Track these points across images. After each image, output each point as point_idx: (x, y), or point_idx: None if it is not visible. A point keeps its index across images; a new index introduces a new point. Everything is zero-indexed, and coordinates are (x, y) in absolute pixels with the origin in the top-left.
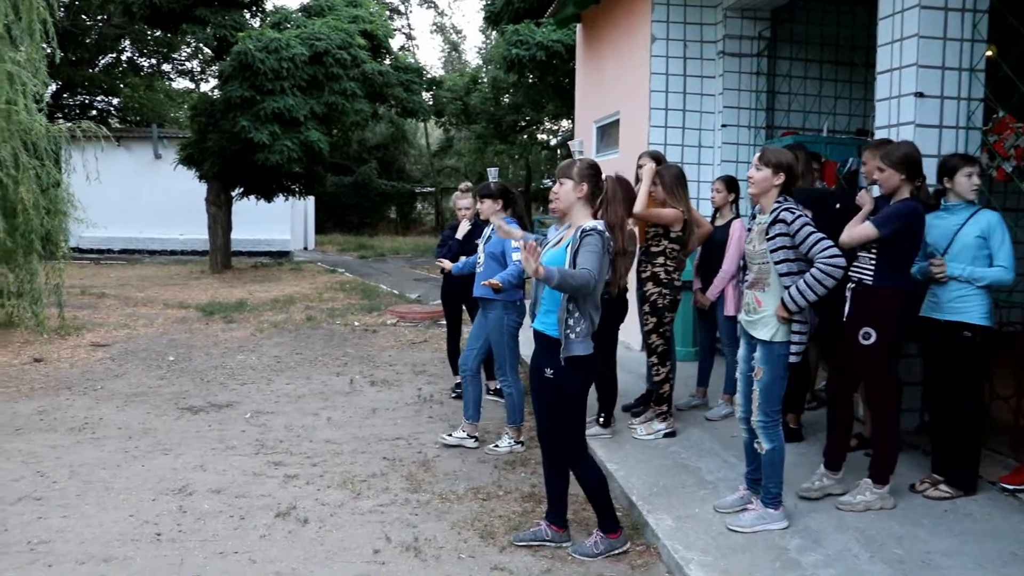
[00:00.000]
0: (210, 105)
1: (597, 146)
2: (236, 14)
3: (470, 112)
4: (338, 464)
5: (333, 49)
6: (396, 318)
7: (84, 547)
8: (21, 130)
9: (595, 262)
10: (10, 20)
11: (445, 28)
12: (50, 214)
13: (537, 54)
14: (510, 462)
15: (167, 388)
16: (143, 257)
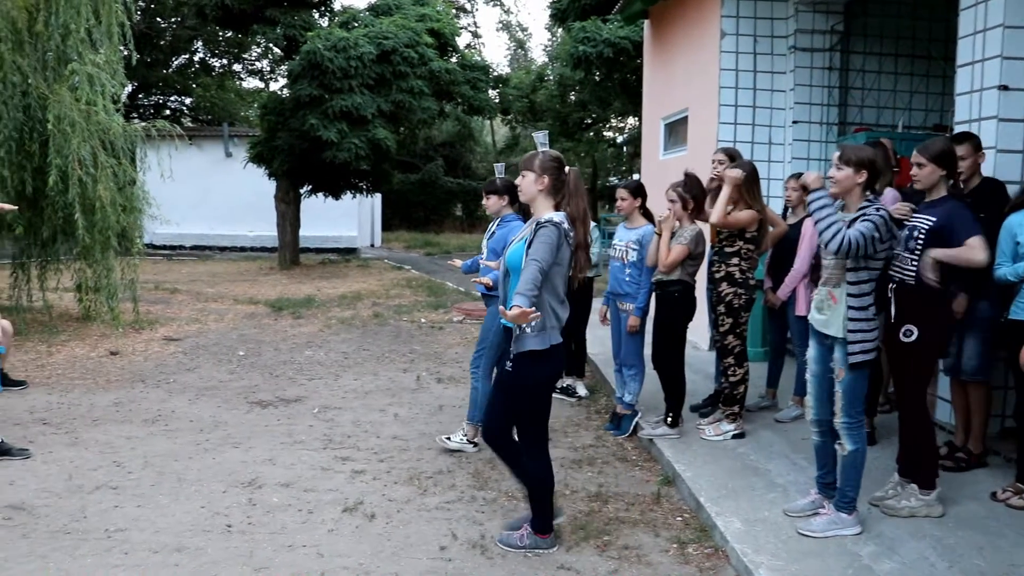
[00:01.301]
0: (279, 104)
1: (665, 143)
2: (305, 14)
3: (536, 110)
4: (405, 460)
5: (400, 48)
6: (462, 315)
7: (158, 536)
8: (100, 130)
9: (545, 253)
10: (91, 24)
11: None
12: (126, 211)
13: (604, 51)
14: (577, 460)
15: (237, 382)
16: (214, 253)
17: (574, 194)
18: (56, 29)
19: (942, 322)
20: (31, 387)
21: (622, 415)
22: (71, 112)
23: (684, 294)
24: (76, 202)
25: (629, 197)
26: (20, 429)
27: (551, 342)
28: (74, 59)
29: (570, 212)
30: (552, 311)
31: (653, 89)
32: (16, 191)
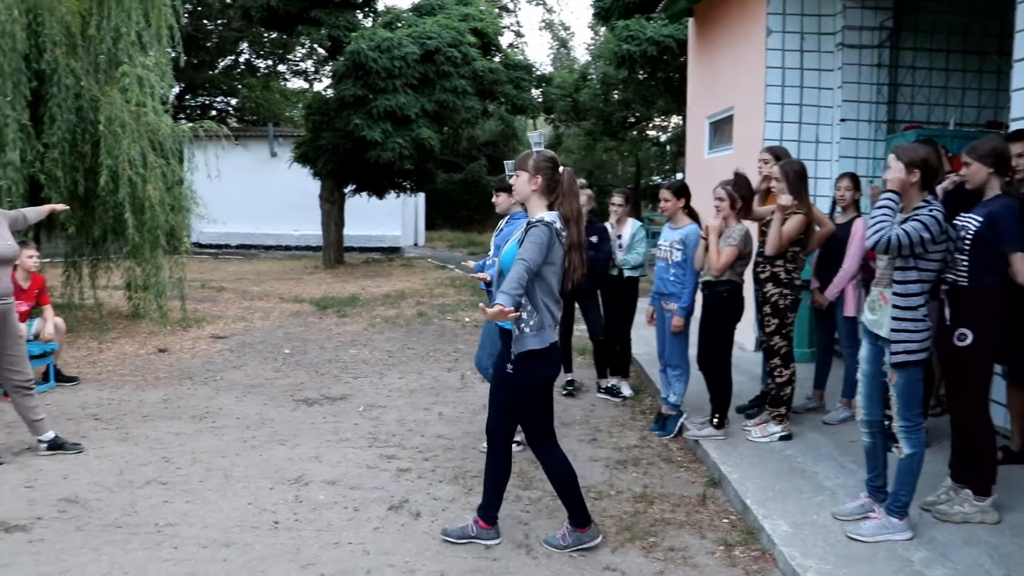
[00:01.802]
0: (324, 104)
1: (710, 142)
2: (349, 15)
3: (579, 109)
4: (449, 459)
5: (444, 47)
6: None
7: (206, 531)
8: (149, 131)
9: (533, 252)
10: (141, 27)
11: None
12: (174, 210)
13: (648, 49)
14: (621, 461)
15: (283, 380)
16: (259, 252)
17: (568, 194)
18: (108, 32)
19: (997, 325)
20: (83, 383)
21: (667, 416)
22: (122, 113)
23: (732, 294)
24: (126, 202)
25: (672, 198)
26: (73, 424)
27: (550, 341)
28: (125, 62)
29: (564, 212)
30: (548, 310)
31: (698, 88)
32: (69, 191)
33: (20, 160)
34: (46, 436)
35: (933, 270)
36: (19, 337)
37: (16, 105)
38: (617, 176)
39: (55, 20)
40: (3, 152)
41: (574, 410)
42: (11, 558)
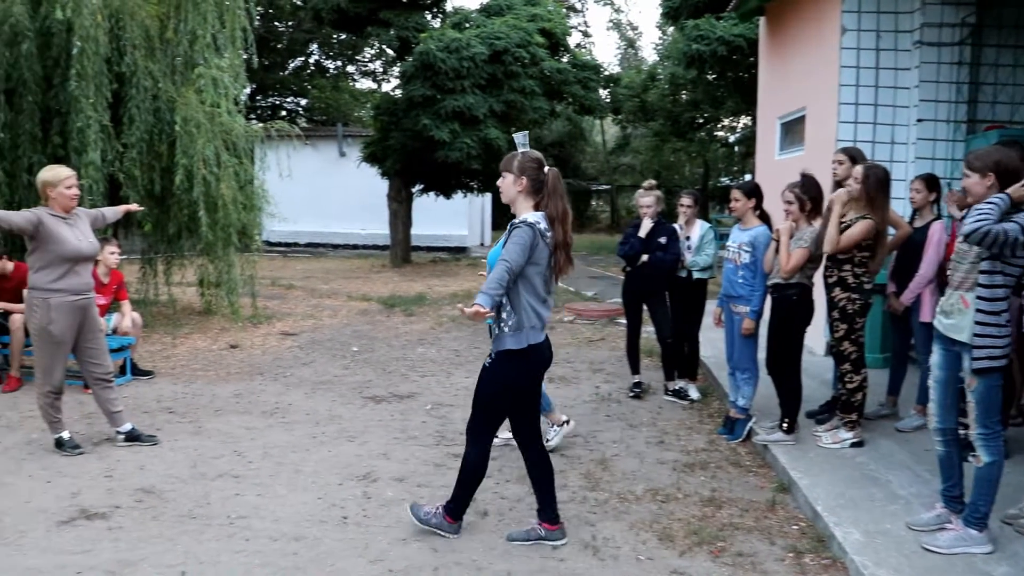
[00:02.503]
0: (393, 104)
1: (781, 143)
2: (418, 16)
3: (647, 109)
4: (516, 459)
5: (512, 48)
6: (573, 315)
7: (277, 525)
8: (223, 131)
9: (515, 253)
10: (216, 30)
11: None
12: (246, 209)
13: (718, 49)
14: (689, 464)
15: (351, 377)
16: (327, 250)
17: (553, 194)
18: (184, 35)
19: None
20: (157, 377)
21: (735, 419)
22: (197, 114)
23: (802, 297)
24: (200, 200)
25: (743, 198)
26: (148, 417)
27: (529, 342)
28: (200, 64)
29: (549, 212)
30: (532, 311)
31: (769, 88)
32: (146, 189)
33: (101, 160)
34: (124, 427)
35: (1015, 275)
36: (100, 331)
37: (98, 107)
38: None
39: (135, 24)
40: (85, 152)
41: (641, 412)
42: (92, 544)
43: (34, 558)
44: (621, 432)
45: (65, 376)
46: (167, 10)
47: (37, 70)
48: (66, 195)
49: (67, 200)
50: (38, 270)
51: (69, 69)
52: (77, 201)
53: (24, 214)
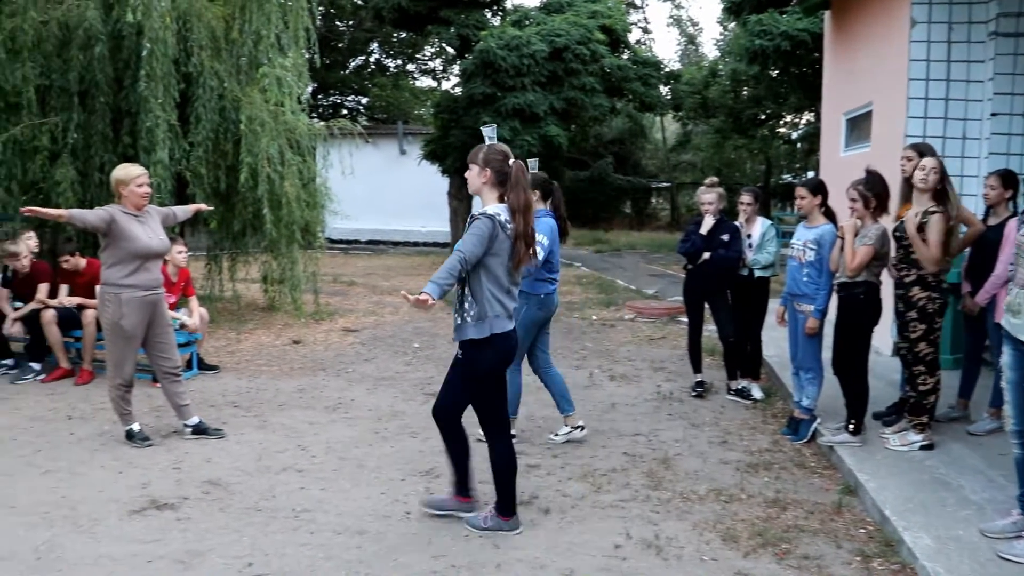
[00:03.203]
0: (453, 102)
1: (846, 140)
2: (478, 14)
3: (708, 106)
4: (578, 457)
5: (572, 45)
6: (634, 313)
7: (341, 519)
8: (286, 129)
9: (471, 244)
10: (279, 30)
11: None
12: (309, 206)
13: (781, 44)
14: (753, 465)
15: (413, 374)
16: (387, 248)
17: (516, 186)
18: (249, 36)
19: None
20: (223, 372)
21: (800, 420)
22: (261, 113)
23: (869, 296)
24: (264, 198)
25: (809, 195)
26: (214, 411)
27: (492, 331)
28: (264, 63)
29: (511, 204)
30: (495, 300)
31: (834, 83)
32: (212, 187)
33: (168, 158)
34: (191, 421)
35: None
36: (169, 326)
37: (166, 106)
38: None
39: (202, 26)
40: (154, 151)
41: (704, 412)
42: (162, 533)
43: (107, 546)
44: (683, 431)
45: (135, 370)
46: (232, 11)
47: (108, 72)
48: (137, 193)
49: (138, 198)
50: (110, 266)
51: (139, 70)
52: (148, 199)
53: (97, 212)
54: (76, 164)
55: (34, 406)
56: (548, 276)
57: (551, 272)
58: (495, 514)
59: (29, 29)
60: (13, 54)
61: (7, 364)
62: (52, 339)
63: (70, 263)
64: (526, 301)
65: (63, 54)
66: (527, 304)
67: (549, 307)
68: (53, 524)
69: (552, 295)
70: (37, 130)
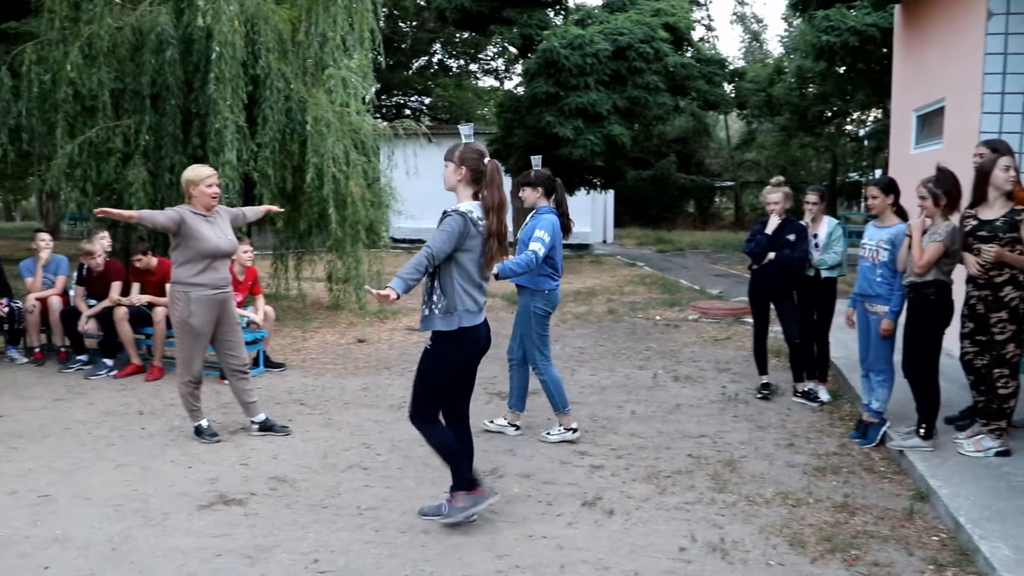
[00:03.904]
0: (516, 102)
1: (917, 137)
2: (541, 13)
3: (773, 103)
4: (643, 458)
5: (636, 43)
6: (698, 313)
7: (405, 517)
8: (352, 130)
9: (439, 241)
10: (345, 32)
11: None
12: (374, 206)
13: (849, 40)
14: (820, 468)
15: (477, 373)
16: None
17: (490, 184)
18: (315, 38)
19: None
20: (289, 369)
21: (869, 423)
22: (327, 114)
23: (940, 295)
24: (330, 197)
25: (881, 195)
26: (280, 408)
27: (461, 324)
28: (330, 64)
29: (485, 202)
30: (466, 295)
31: (904, 78)
32: (278, 187)
33: (236, 159)
34: (258, 418)
35: None
36: (236, 324)
37: (234, 108)
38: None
39: (269, 28)
40: (222, 152)
41: (769, 413)
42: (230, 528)
43: (178, 539)
44: (749, 433)
45: (204, 367)
46: (299, 14)
47: (179, 75)
48: (207, 193)
49: (208, 198)
50: (180, 265)
51: (208, 73)
52: (218, 199)
53: (167, 213)
54: (147, 165)
55: (107, 401)
56: (550, 271)
57: (553, 268)
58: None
59: (105, 35)
60: (90, 59)
61: (81, 360)
62: (124, 336)
63: (142, 262)
64: (531, 297)
65: (136, 58)
66: (532, 299)
67: (553, 301)
68: (126, 516)
69: (555, 291)
70: (111, 132)
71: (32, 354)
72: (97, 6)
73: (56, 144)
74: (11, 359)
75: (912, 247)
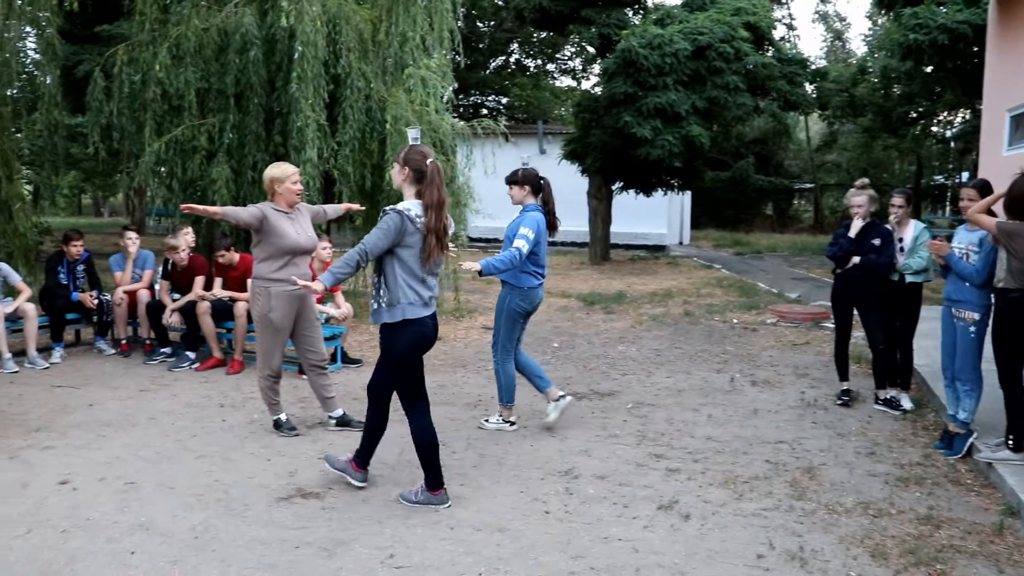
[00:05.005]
0: (594, 102)
1: (1010, 138)
2: (619, 13)
3: (856, 104)
4: (720, 463)
5: (716, 43)
6: (776, 317)
7: (480, 516)
8: (430, 129)
9: (374, 238)
10: (424, 31)
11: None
12: (451, 205)
13: (938, 38)
14: (903, 479)
15: (552, 373)
16: None
17: (431, 184)
18: (395, 38)
19: None
20: (365, 365)
21: (955, 434)
22: (406, 112)
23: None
24: None
25: (977, 197)
26: (358, 403)
27: (404, 316)
28: (410, 64)
29: (425, 200)
30: (408, 288)
31: (997, 77)
32: (357, 185)
33: (317, 157)
34: (336, 412)
35: None
36: (316, 320)
37: (315, 107)
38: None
39: (350, 28)
40: (303, 150)
41: (850, 421)
42: (308, 521)
43: (258, 529)
44: (829, 440)
45: (283, 361)
46: (379, 14)
47: (262, 74)
48: (291, 190)
49: (291, 195)
50: (261, 261)
51: (290, 72)
52: (301, 197)
53: (250, 210)
54: (231, 163)
55: (189, 393)
56: (534, 269)
57: (537, 266)
58: (424, 488)
59: (192, 36)
60: (177, 60)
61: (165, 352)
62: (206, 330)
63: (225, 257)
64: (509, 292)
65: (221, 58)
66: (510, 295)
67: (533, 300)
68: (207, 506)
69: (536, 289)
70: (196, 130)
71: (119, 345)
72: (185, 8)
73: (144, 142)
74: (99, 350)
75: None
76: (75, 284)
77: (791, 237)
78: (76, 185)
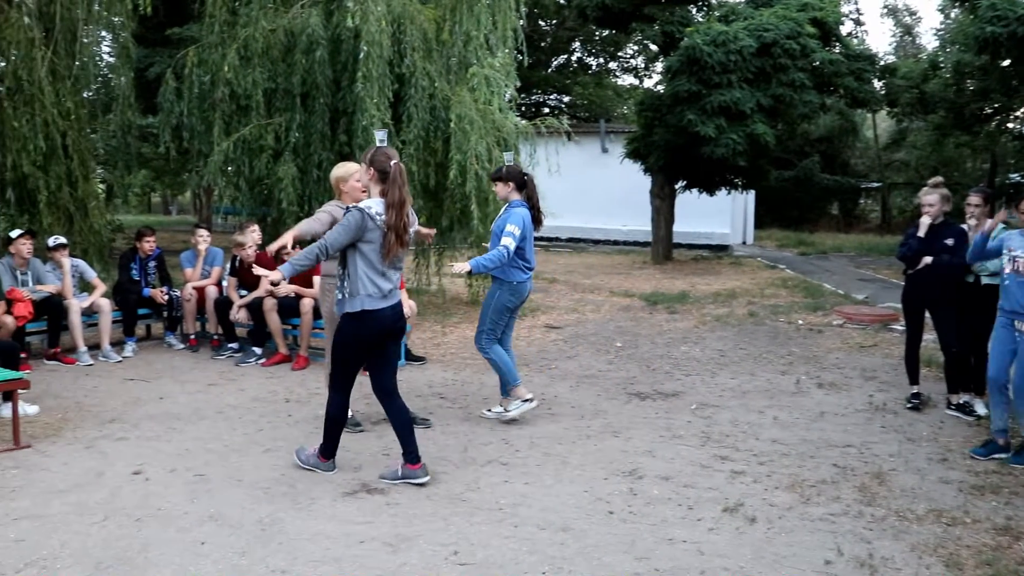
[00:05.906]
0: (657, 100)
1: None
2: (683, 10)
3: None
4: (786, 466)
5: (781, 40)
6: (843, 319)
7: (544, 514)
8: (494, 128)
9: (335, 234)
10: (488, 31)
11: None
12: None
13: (1018, 30)
14: (978, 487)
15: (615, 373)
16: (587, 246)
17: (393, 183)
18: (459, 37)
19: None
20: (429, 363)
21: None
22: (470, 111)
23: None
24: (472, 194)
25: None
26: (421, 401)
27: (363, 307)
28: (473, 63)
29: (388, 199)
30: (368, 281)
31: None
32: (421, 184)
33: None
34: None
35: None
36: None
37: (380, 106)
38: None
39: (414, 28)
40: None
41: (920, 426)
42: (372, 516)
43: (323, 523)
44: (899, 445)
45: None
46: (443, 13)
47: (328, 74)
48: (356, 188)
49: (357, 193)
50: (329, 259)
51: (356, 72)
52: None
53: (319, 218)
54: (297, 161)
55: (256, 388)
56: (521, 264)
57: (524, 260)
58: (317, 452)
59: (259, 37)
60: (245, 60)
61: (232, 347)
62: (273, 326)
63: (291, 255)
64: (499, 287)
65: (287, 59)
66: (500, 290)
67: (521, 294)
68: (274, 499)
69: (524, 283)
70: (263, 130)
71: (188, 340)
72: (253, 10)
73: (213, 141)
74: (169, 344)
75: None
76: (146, 280)
77: (857, 237)
78: (146, 184)
